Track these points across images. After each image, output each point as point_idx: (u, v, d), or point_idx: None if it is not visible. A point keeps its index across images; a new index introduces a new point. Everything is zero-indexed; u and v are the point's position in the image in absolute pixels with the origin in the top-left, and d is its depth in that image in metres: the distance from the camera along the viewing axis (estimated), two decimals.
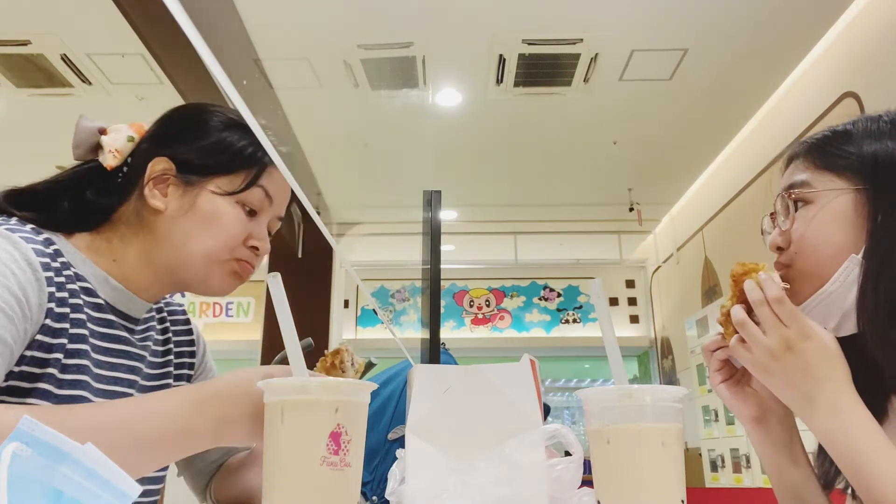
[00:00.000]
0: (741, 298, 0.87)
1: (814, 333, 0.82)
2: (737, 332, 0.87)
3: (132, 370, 0.99)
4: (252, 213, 1.01)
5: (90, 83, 4.31)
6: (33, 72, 4.25)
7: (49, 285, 0.86)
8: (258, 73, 4.26)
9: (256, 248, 1.02)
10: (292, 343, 0.75)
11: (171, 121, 1.04)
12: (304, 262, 6.22)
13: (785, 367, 0.82)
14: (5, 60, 4.16)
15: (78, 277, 0.92)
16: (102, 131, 1.00)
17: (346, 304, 7.80)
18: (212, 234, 0.97)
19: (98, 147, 1.00)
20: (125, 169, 1.00)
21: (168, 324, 1.11)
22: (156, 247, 0.97)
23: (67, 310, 0.88)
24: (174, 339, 1.12)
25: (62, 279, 0.89)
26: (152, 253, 0.97)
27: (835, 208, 0.92)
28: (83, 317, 0.90)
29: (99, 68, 4.20)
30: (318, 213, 6.22)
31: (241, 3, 3.64)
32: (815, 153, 0.97)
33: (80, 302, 0.91)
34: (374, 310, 8.09)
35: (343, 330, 7.62)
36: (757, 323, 0.85)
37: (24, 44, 3.97)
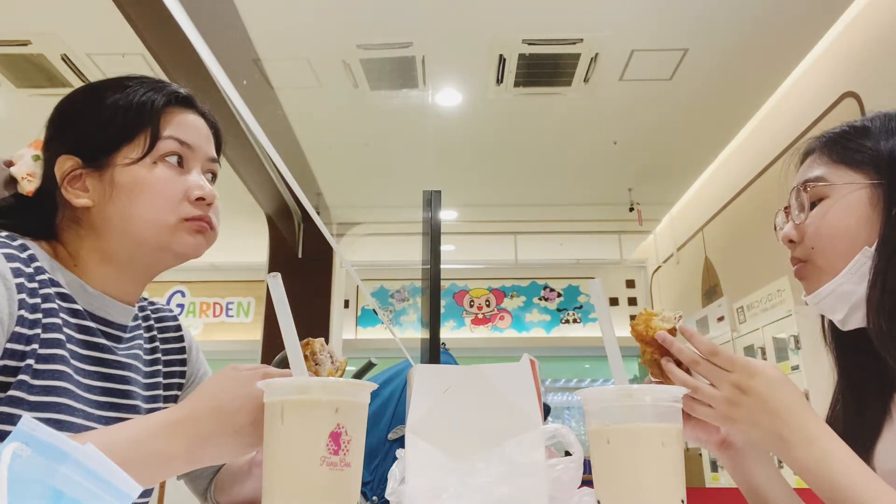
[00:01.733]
0: (661, 350, 0.87)
1: (756, 369, 0.81)
2: (673, 382, 0.86)
3: (108, 378, 0.95)
4: (179, 166, 0.95)
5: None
6: (33, 72, 4.26)
7: (20, 291, 0.84)
8: (258, 73, 4.26)
9: (202, 199, 0.95)
10: (292, 343, 0.75)
11: (56, 118, 0.98)
12: (304, 262, 6.22)
13: (747, 411, 0.81)
14: (5, 60, 4.16)
15: (53, 283, 0.90)
16: (8, 163, 0.96)
17: (346, 304, 7.80)
18: (147, 205, 0.91)
19: (11, 180, 0.96)
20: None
21: (155, 331, 1.08)
22: (105, 242, 0.94)
23: (40, 315, 0.86)
24: (162, 346, 1.08)
25: (35, 284, 0.86)
26: (105, 249, 0.94)
27: (850, 202, 0.92)
28: (58, 321, 0.88)
29: (99, 68, 4.20)
30: (318, 213, 6.24)
31: (241, 3, 3.65)
32: (832, 148, 0.97)
33: (55, 306, 0.88)
34: (374, 310, 8.10)
35: (343, 330, 7.62)
36: (678, 362, 0.85)
37: (24, 44, 3.97)
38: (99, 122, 0.94)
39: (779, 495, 0.93)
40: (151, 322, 1.09)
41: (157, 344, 1.08)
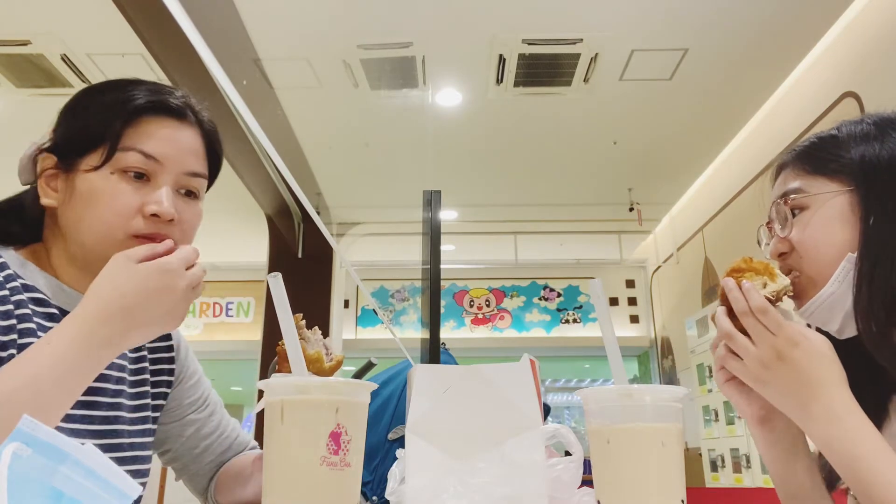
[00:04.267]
0: (725, 298, 0.88)
1: (803, 339, 0.82)
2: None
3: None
4: (145, 179, 0.91)
5: (90, 83, 4.30)
6: (33, 72, 4.25)
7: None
8: (258, 73, 4.26)
9: (156, 215, 0.90)
10: (292, 343, 0.75)
11: (59, 115, 0.97)
12: (304, 262, 6.22)
13: (778, 377, 0.82)
14: (5, 60, 4.16)
15: (27, 288, 0.90)
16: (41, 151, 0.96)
17: (346, 304, 7.80)
18: (96, 215, 0.89)
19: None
20: None
21: None
22: (65, 242, 0.93)
23: (14, 321, 0.85)
24: (148, 345, 1.08)
25: (6, 292, 0.86)
26: (67, 250, 0.94)
27: (831, 210, 0.93)
28: (33, 326, 0.88)
29: (99, 68, 4.20)
30: (318, 213, 6.24)
31: (241, 3, 3.64)
32: (805, 160, 0.98)
33: (29, 312, 0.88)
34: (374, 310, 8.10)
35: (343, 330, 7.62)
36: (744, 331, 0.86)
37: (24, 44, 3.97)
38: (75, 124, 0.94)
39: (807, 487, 0.93)
40: None
41: (144, 343, 1.07)
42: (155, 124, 0.93)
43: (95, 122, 0.91)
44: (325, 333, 0.94)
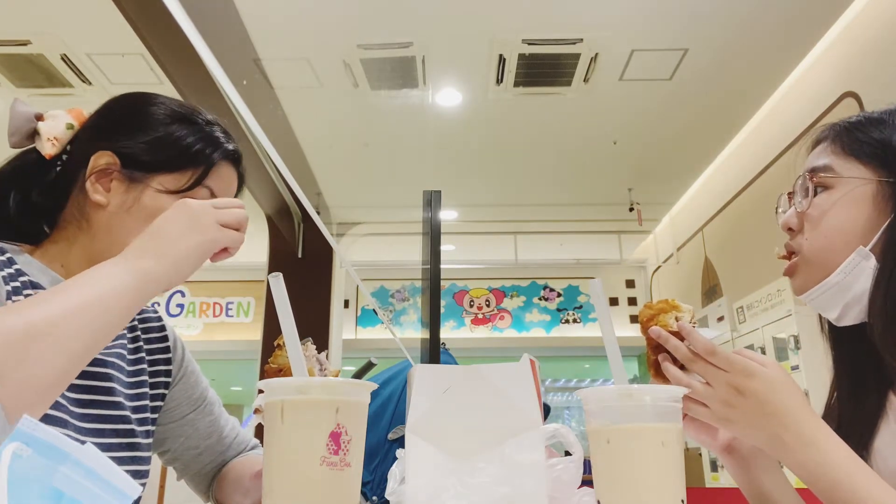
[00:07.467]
0: (657, 347, 0.85)
1: (756, 370, 0.80)
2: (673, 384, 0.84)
3: (90, 376, 0.95)
4: None
5: (90, 83, 4.31)
6: (33, 72, 4.25)
7: (6, 283, 0.86)
8: (258, 73, 4.26)
9: None
10: (293, 343, 0.75)
11: (112, 111, 1.00)
12: (304, 262, 6.22)
13: (743, 413, 0.80)
14: (5, 60, 4.16)
15: (33, 285, 0.90)
16: (39, 117, 0.97)
17: (346, 304, 7.80)
18: None
19: (35, 134, 0.96)
20: (64, 157, 0.97)
21: (139, 332, 1.08)
22: (96, 243, 0.94)
23: None
24: (146, 346, 1.08)
25: (17, 284, 0.88)
26: (93, 249, 0.95)
27: (855, 197, 0.90)
28: None
29: (99, 68, 4.20)
30: (318, 213, 6.23)
31: (241, 3, 3.65)
32: (844, 137, 0.94)
33: None
34: (374, 310, 8.10)
35: (343, 330, 7.62)
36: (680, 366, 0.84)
37: (24, 44, 3.97)
38: (156, 142, 0.97)
39: (785, 502, 0.92)
40: (135, 323, 1.08)
41: (141, 344, 1.07)
42: (225, 168, 1.02)
43: (186, 153, 0.97)
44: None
